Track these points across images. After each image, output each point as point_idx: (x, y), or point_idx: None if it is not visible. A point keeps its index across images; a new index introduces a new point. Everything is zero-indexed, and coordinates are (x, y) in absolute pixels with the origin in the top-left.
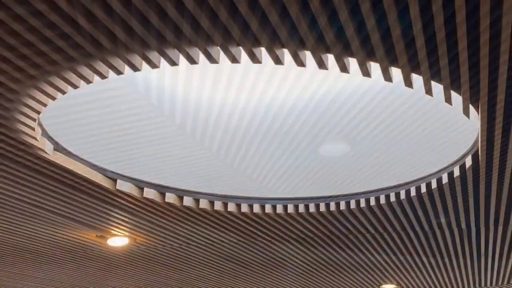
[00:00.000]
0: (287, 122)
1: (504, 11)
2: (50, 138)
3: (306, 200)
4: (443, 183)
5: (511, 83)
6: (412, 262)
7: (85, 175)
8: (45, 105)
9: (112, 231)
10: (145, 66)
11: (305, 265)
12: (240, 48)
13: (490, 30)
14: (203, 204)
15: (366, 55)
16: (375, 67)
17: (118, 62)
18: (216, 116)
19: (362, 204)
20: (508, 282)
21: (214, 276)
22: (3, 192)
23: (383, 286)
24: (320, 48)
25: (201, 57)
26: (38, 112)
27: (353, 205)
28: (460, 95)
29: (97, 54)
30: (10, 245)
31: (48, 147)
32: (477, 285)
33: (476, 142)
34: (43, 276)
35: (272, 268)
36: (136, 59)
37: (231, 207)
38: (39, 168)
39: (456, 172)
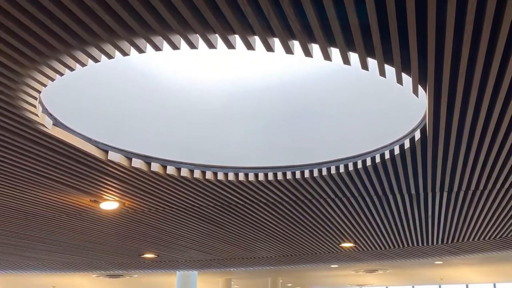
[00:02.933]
0: (258, 100)
1: (448, 3)
2: (50, 115)
3: (275, 169)
4: (395, 154)
5: (455, 66)
6: (367, 223)
7: (80, 147)
8: (45, 85)
9: (104, 196)
10: (133, 51)
11: (273, 226)
12: (217, 35)
13: (437, 19)
14: (184, 172)
15: (328, 42)
16: (335, 52)
17: (109, 48)
18: (195, 95)
19: (324, 172)
20: (452, 241)
21: (194, 236)
22: (7, 162)
23: (342, 244)
24: (287, 35)
25: (182, 43)
26: (39, 91)
27: (316, 173)
28: (410, 76)
29: (90, 41)
30: (14, 209)
31: (48, 122)
32: (424, 243)
33: (424, 118)
34: (42, 235)
35: (245, 228)
36: (125, 45)
37: (209, 175)
38: (39, 140)
39: (407, 144)
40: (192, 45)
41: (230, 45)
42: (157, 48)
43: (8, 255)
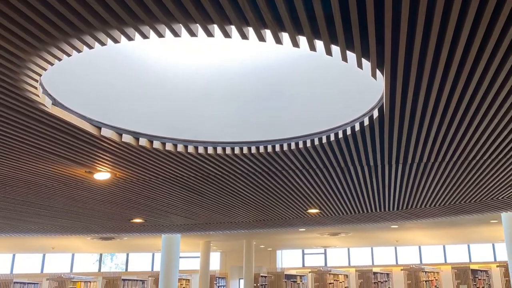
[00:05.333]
0: (234, 83)
1: None
2: (49, 95)
3: (249, 143)
4: (356, 130)
5: (409, 52)
6: (331, 191)
7: (77, 124)
8: (45, 69)
9: (97, 168)
10: (123, 39)
11: (248, 194)
12: (197, 25)
13: (393, 11)
14: (169, 146)
15: (296, 30)
16: (303, 40)
17: (101, 36)
18: (178, 78)
19: (293, 146)
20: (406, 207)
21: (177, 203)
22: (12, 137)
23: (309, 210)
24: (260, 25)
25: (167, 32)
26: (40, 75)
27: (285, 147)
28: (369, 62)
29: (85, 29)
30: (17, 179)
31: (47, 102)
32: (382, 209)
33: (381, 98)
34: (43, 202)
35: (222, 196)
36: (116, 33)
37: (191, 149)
38: (40, 118)
39: (366, 122)
40: (176, 34)
41: (209, 34)
42: (144, 36)
43: (12, 220)
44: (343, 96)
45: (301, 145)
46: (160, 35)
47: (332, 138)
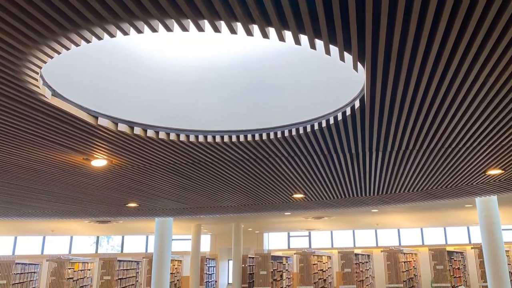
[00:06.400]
0: (223, 75)
1: None
2: (49, 87)
3: (237, 132)
4: (339, 119)
5: (388, 48)
6: (315, 177)
7: (75, 114)
8: (45, 62)
9: (94, 155)
10: (118, 33)
11: (236, 179)
12: (189, 20)
13: (373, 7)
14: (162, 135)
15: (282, 25)
16: (288, 35)
17: (98, 30)
18: (171, 70)
19: (279, 135)
20: (386, 193)
21: (170, 188)
22: (13, 126)
23: (294, 195)
24: (248, 20)
25: (160, 27)
26: (40, 67)
27: (272, 135)
28: (351, 55)
29: (83, 25)
30: (18, 165)
31: (47, 93)
32: (363, 194)
33: (362, 90)
34: (42, 188)
35: (212, 182)
36: (112, 28)
37: (182, 137)
38: (40, 108)
39: (348, 112)
40: (168, 28)
41: (200, 28)
42: (138, 31)
43: (13, 204)
44: (326, 87)
45: (286, 133)
46: (154, 30)
47: (316, 127)
